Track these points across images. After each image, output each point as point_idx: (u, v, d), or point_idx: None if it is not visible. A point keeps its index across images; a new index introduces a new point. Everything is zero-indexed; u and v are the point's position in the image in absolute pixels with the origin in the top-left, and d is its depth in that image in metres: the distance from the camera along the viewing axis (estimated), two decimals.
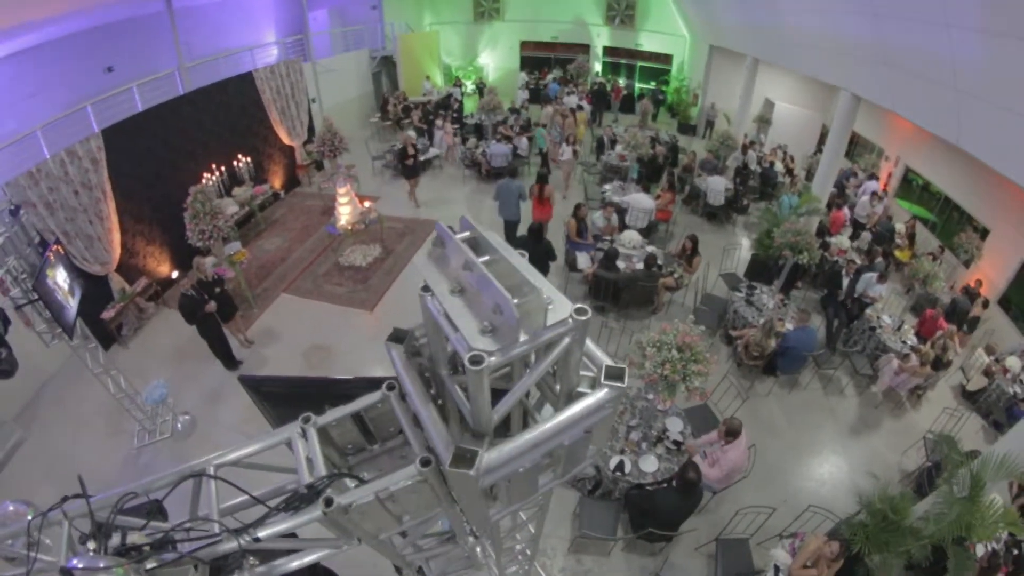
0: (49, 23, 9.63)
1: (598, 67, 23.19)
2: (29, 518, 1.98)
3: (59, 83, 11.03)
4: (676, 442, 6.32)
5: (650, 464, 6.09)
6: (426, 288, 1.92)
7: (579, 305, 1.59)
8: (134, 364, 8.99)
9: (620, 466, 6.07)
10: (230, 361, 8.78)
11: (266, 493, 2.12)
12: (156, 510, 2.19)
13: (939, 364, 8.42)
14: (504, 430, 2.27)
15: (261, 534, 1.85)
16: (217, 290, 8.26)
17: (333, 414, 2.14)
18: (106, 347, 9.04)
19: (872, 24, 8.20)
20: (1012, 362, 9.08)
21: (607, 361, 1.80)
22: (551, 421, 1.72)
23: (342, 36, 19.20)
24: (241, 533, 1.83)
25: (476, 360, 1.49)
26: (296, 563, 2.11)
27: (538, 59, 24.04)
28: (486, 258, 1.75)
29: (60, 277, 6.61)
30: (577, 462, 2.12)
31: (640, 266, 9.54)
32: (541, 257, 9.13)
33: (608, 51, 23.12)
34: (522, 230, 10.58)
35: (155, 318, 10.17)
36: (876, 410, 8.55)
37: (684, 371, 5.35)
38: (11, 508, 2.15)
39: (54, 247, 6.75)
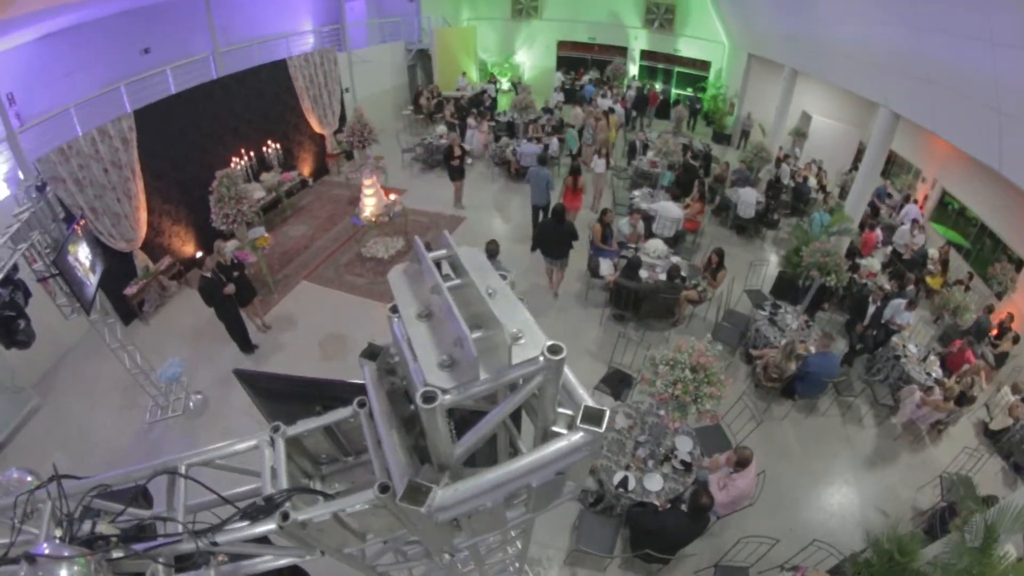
0: (89, 4, 9.75)
1: (634, 70, 22.92)
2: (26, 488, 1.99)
3: (96, 63, 11.15)
4: (684, 462, 6.18)
5: (655, 483, 5.96)
6: (394, 308, 1.87)
7: (553, 342, 1.53)
8: (153, 341, 9.21)
9: (624, 482, 5.95)
10: (246, 345, 8.92)
11: (239, 494, 2.13)
12: (140, 495, 2.22)
13: (963, 400, 8.15)
14: (492, 451, 2.22)
15: (220, 539, 1.84)
16: (236, 274, 8.38)
17: (304, 425, 2.13)
18: (126, 322, 9.50)
19: (914, 38, 7.90)
20: None
21: (587, 401, 1.74)
22: (516, 463, 1.68)
23: (379, 27, 19.18)
24: (201, 535, 1.83)
25: (428, 397, 1.46)
26: (263, 566, 2.10)
27: (575, 59, 23.82)
28: (457, 282, 1.71)
29: (82, 253, 6.77)
30: (551, 499, 2.06)
31: (663, 276, 9.42)
32: (564, 238, 9.58)
33: (645, 55, 22.83)
34: None
35: (177, 297, 10.40)
36: (894, 442, 8.32)
37: (696, 392, 5.22)
38: (15, 475, 2.26)
39: (79, 223, 6.89)
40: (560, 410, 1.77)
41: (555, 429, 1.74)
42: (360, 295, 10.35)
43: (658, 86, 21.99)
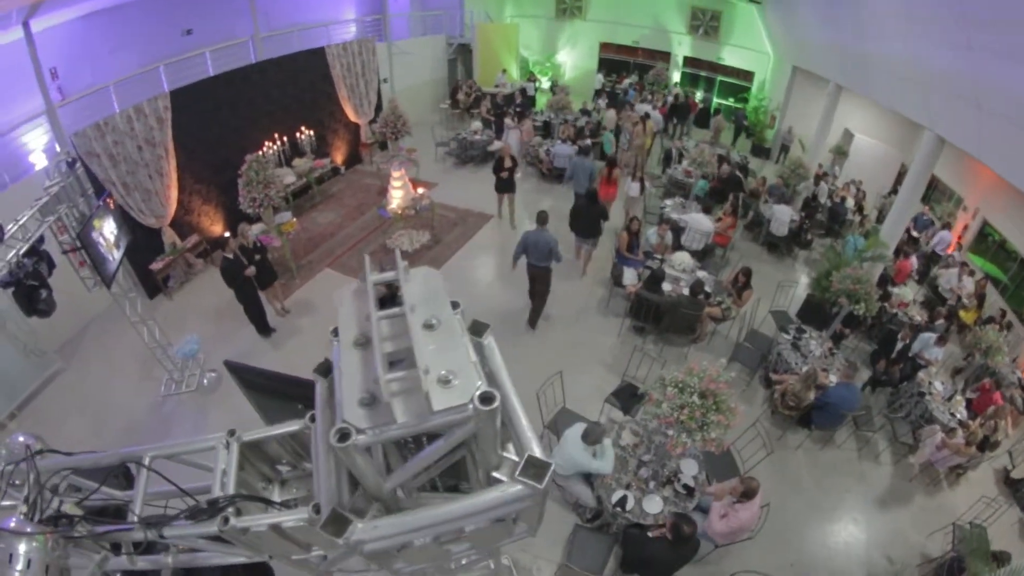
0: None
1: (676, 77, 22.60)
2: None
3: (139, 42, 11.37)
4: (687, 486, 6.04)
5: (654, 505, 5.82)
6: (335, 331, 1.82)
7: (486, 390, 1.44)
8: (175, 316, 9.49)
9: (622, 501, 5.83)
10: (263, 327, 9.08)
11: (201, 487, 2.17)
12: (122, 475, 2.37)
13: (986, 445, 7.85)
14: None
15: (168, 533, 1.91)
16: (258, 257, 8.51)
17: (258, 433, 2.16)
18: (151, 296, 9.91)
19: (964, 59, 7.54)
20: None
21: (534, 451, 1.66)
22: (448, 506, 1.62)
23: (421, 19, 19.22)
24: (152, 527, 1.91)
25: (342, 436, 1.42)
26: (218, 559, 2.16)
27: (617, 62, 23.55)
28: (395, 311, 1.64)
29: (107, 228, 6.99)
30: (497, 539, 2.02)
31: (686, 291, 9.27)
32: (595, 218, 10.42)
33: (688, 61, 22.49)
34: None
35: (202, 275, 10.63)
36: (909, 483, 8.04)
37: (703, 419, 5.08)
38: (21, 439, 2.31)
39: (107, 199, 7.16)
40: (506, 455, 1.70)
41: (496, 475, 1.66)
42: None
43: (699, 95, 21.62)
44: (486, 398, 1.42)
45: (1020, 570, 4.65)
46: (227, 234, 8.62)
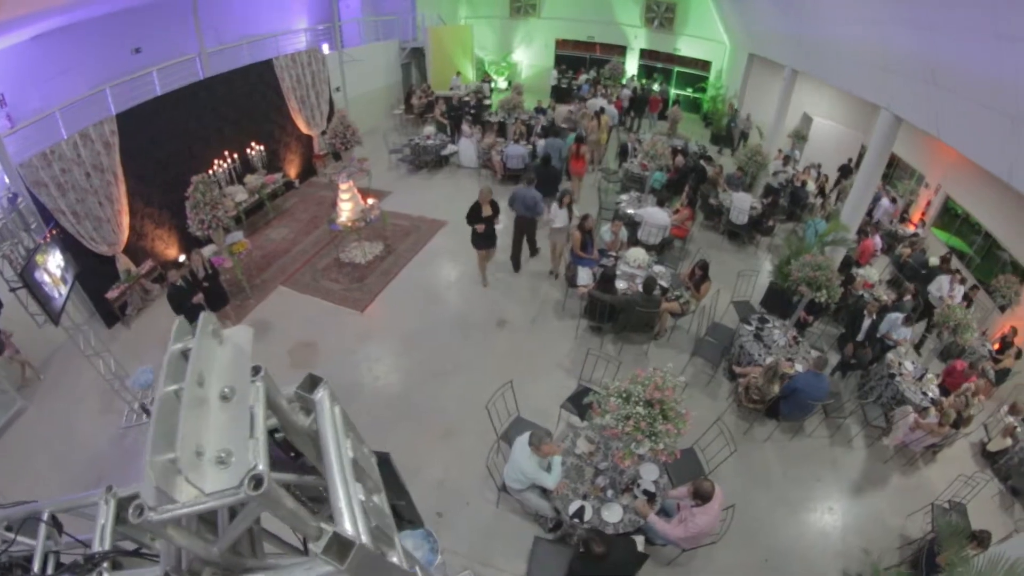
0: (79, 6, 9.65)
1: (633, 70, 22.55)
2: None
3: (87, 63, 11.06)
4: (647, 492, 5.76)
5: (614, 514, 5.53)
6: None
7: (257, 472, 1.32)
8: (134, 344, 9.23)
9: (580, 512, 5.54)
10: None
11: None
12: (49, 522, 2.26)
13: (959, 422, 7.69)
14: None
15: None
16: (206, 284, 8.30)
17: (129, 489, 2.00)
18: (109, 325, 9.60)
19: (921, 37, 7.39)
20: None
21: (344, 526, 1.52)
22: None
23: (373, 25, 18.90)
24: None
25: (136, 511, 1.40)
26: None
27: (574, 59, 23.49)
28: (176, 387, 1.50)
29: (52, 263, 6.98)
30: None
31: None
32: (551, 180, 11.92)
33: (645, 54, 22.48)
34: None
35: (159, 300, 10.27)
36: (884, 465, 7.88)
37: (651, 429, 4.78)
38: None
39: (48, 233, 7.13)
40: (324, 525, 1.54)
41: (311, 546, 1.51)
42: (334, 301, 10.09)
43: (656, 87, 21.52)
44: (255, 483, 1.33)
45: (997, 558, 4.39)
46: (182, 258, 8.41)
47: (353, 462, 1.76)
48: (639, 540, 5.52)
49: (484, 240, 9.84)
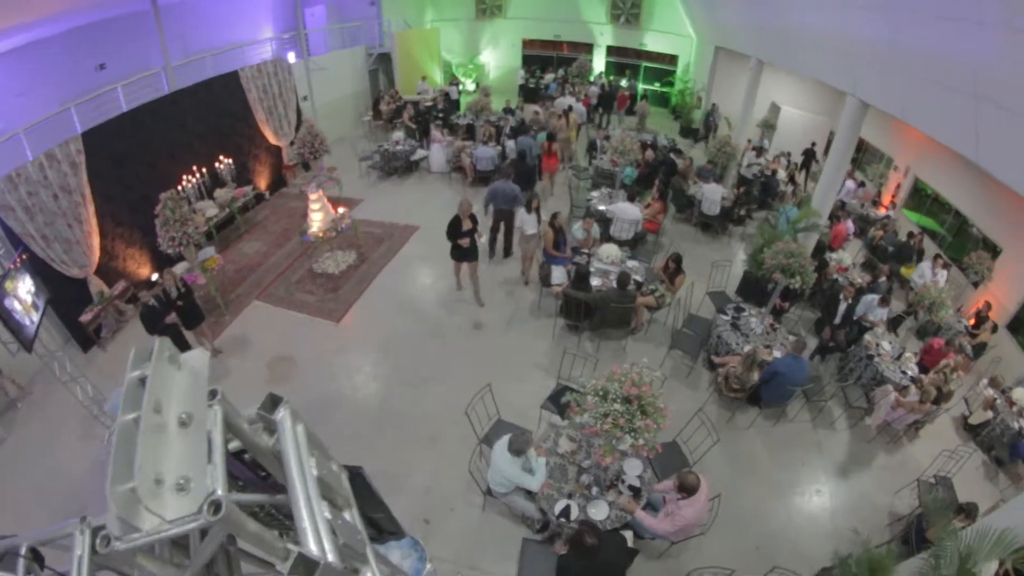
0: (41, 23, 9.44)
1: (601, 67, 22.63)
2: None
3: (51, 80, 10.78)
4: (633, 487, 5.70)
5: (600, 511, 5.46)
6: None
7: (215, 497, 1.32)
8: (111, 367, 9.01)
9: (566, 511, 5.47)
10: None
11: None
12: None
13: (940, 398, 7.75)
14: None
15: None
16: (180, 303, 8.13)
17: (102, 519, 1.90)
18: (85, 349, 9.34)
19: (883, 22, 7.45)
20: (1020, 394, 8.51)
21: (308, 546, 1.51)
22: None
23: (339, 33, 18.74)
24: None
25: (103, 541, 1.39)
26: None
27: (541, 58, 23.54)
28: (134, 415, 1.48)
29: (23, 289, 6.85)
30: None
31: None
32: (526, 175, 12.30)
33: (613, 50, 22.57)
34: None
35: (134, 321, 9.98)
36: (869, 445, 7.94)
37: (630, 425, 4.72)
38: None
39: (18, 257, 7.02)
40: (290, 545, 1.55)
41: (278, 567, 1.52)
42: (309, 313, 9.93)
43: (624, 83, 21.60)
44: (214, 507, 1.34)
45: (986, 530, 4.39)
46: (155, 276, 8.19)
47: (318, 480, 1.76)
48: (628, 536, 5.47)
49: (467, 254, 9.46)
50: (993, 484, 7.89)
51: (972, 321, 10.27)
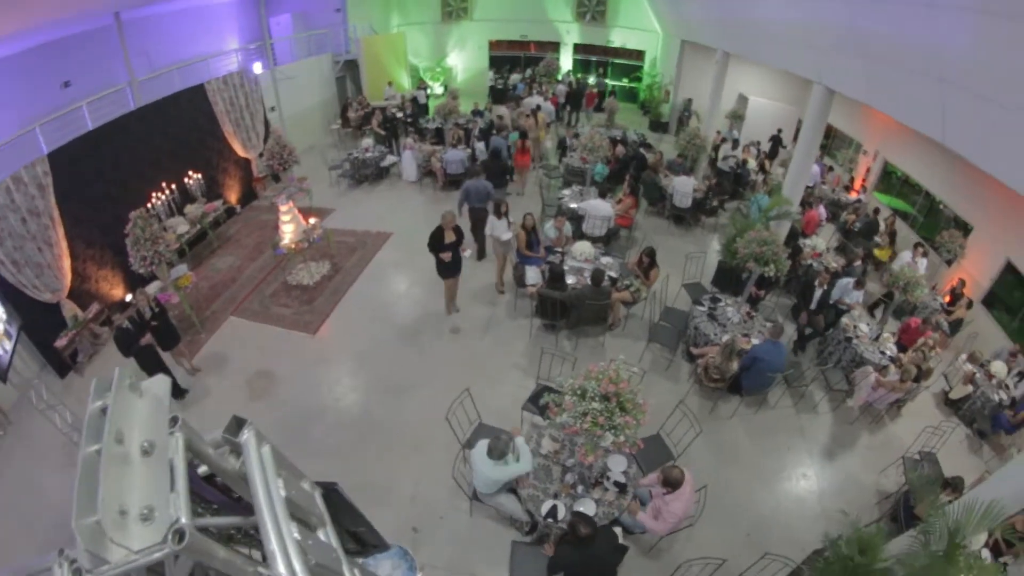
0: (2, 42, 9.23)
1: (568, 65, 22.68)
2: None
3: (15, 100, 10.50)
4: (618, 483, 5.64)
5: (587, 509, 5.39)
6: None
7: (179, 526, 1.35)
8: (89, 392, 8.53)
9: (553, 512, 5.41)
10: (175, 390, 8.34)
11: None
12: None
13: (920, 375, 7.81)
14: None
15: None
16: (154, 323, 7.93)
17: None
18: (62, 375, 9.07)
19: (843, 8, 7.53)
20: (997, 367, 8.67)
21: (279, 570, 1.51)
22: None
23: (306, 41, 18.54)
24: None
25: (76, 573, 1.41)
26: None
27: (508, 58, 23.53)
28: (96, 447, 1.44)
29: None
30: None
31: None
32: (499, 172, 12.27)
33: (580, 48, 22.63)
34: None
35: (110, 343, 9.72)
36: (852, 426, 8.00)
37: (609, 423, 4.68)
38: None
39: None
40: (261, 568, 1.59)
41: None
42: (286, 327, 9.77)
43: (591, 79, 21.67)
44: (178, 536, 1.35)
45: (972, 504, 4.39)
46: (128, 297, 8.07)
47: (287, 500, 1.73)
48: (617, 532, 5.43)
49: (451, 268, 9.15)
50: (977, 456, 8.01)
51: (947, 299, 10.40)
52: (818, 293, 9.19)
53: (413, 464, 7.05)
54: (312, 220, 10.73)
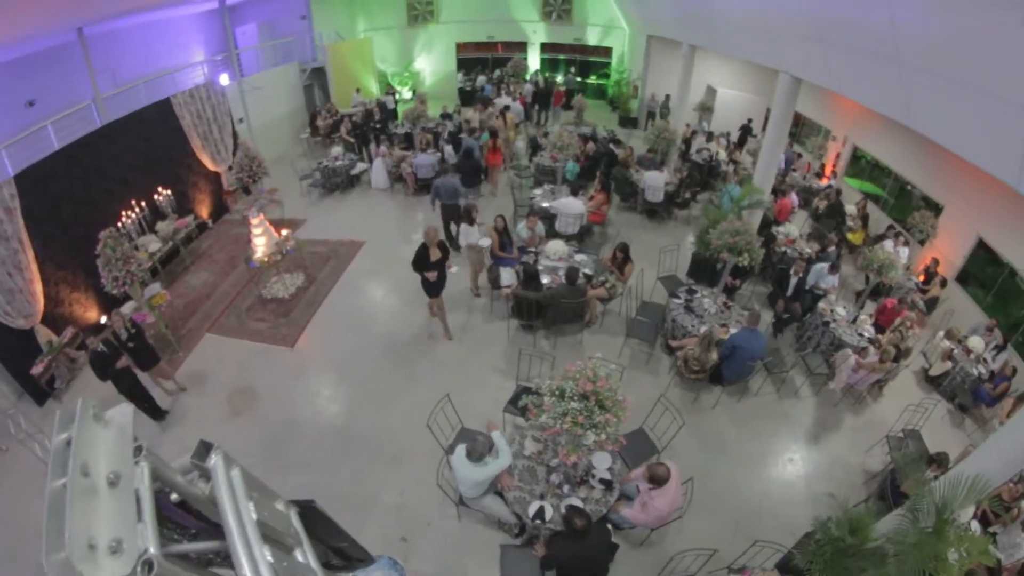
0: None
1: (536, 64, 22.70)
2: None
3: None
4: (604, 481, 5.60)
5: None
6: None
7: (147, 557, 1.37)
8: None
9: (540, 513, 5.35)
10: (155, 412, 8.18)
11: None
12: None
13: (899, 355, 7.89)
14: None
15: None
16: (131, 344, 7.75)
17: None
18: (40, 403, 8.86)
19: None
20: (975, 342, 8.84)
21: None
22: None
23: (272, 50, 18.34)
24: None
25: None
26: None
27: (476, 60, 23.44)
28: (63, 481, 1.40)
29: None
30: None
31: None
32: (472, 171, 12.84)
33: (547, 47, 22.65)
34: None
35: (87, 367, 9.46)
36: (835, 409, 8.06)
37: (589, 421, 4.63)
38: None
39: None
40: None
41: None
42: (263, 341, 9.61)
43: (559, 78, 21.72)
44: (148, 566, 1.36)
45: (958, 479, 4.40)
46: (104, 319, 7.93)
47: (259, 523, 1.71)
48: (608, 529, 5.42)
49: (437, 287, 8.69)
50: (960, 430, 8.13)
51: (922, 278, 10.52)
52: (794, 280, 9.23)
53: (397, 473, 6.96)
54: (284, 232, 10.59)
